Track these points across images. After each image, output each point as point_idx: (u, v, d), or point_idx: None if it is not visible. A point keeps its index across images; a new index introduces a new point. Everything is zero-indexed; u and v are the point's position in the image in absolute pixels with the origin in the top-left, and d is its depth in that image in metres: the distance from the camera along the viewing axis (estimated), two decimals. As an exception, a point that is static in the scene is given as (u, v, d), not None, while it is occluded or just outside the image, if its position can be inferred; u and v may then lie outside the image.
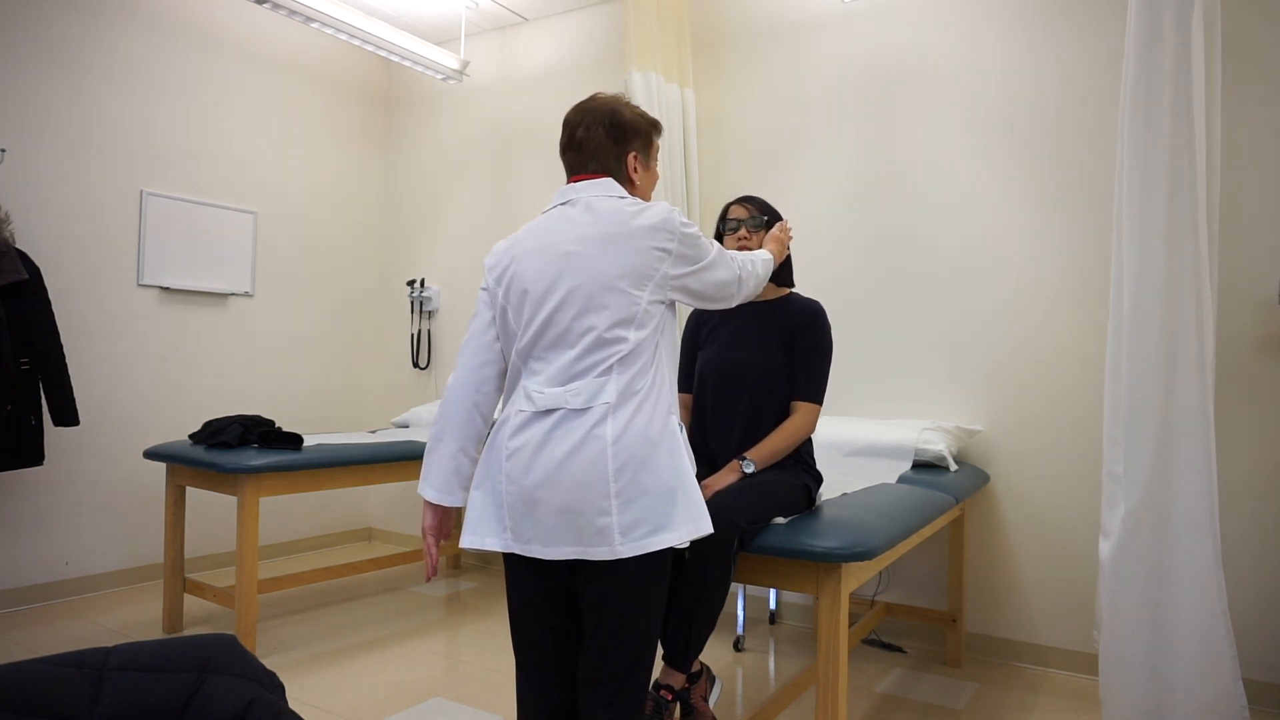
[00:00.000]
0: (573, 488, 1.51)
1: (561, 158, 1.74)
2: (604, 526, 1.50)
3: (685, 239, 1.61)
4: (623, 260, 1.56)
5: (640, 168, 1.72)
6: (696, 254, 1.63)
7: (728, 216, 2.19)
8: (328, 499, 4.80)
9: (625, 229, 1.57)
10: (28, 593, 3.53)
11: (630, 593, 1.54)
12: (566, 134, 1.71)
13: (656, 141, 1.77)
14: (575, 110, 1.71)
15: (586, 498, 1.50)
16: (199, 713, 1.15)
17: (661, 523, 1.51)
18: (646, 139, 1.73)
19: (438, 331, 4.82)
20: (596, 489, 1.50)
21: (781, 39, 3.71)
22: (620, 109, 1.69)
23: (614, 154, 1.68)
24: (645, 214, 1.59)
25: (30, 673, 1.10)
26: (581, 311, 1.55)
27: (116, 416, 3.83)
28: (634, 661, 1.56)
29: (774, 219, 2.18)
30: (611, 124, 1.67)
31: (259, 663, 1.29)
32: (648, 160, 1.74)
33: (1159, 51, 2.07)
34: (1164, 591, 2.08)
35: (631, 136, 1.69)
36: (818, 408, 2.08)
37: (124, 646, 1.20)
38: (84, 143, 3.71)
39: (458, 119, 4.82)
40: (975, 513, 3.21)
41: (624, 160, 1.69)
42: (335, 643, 3.22)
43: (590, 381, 1.54)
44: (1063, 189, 3.07)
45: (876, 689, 2.85)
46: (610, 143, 1.67)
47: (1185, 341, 2.06)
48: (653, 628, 1.59)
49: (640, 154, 1.72)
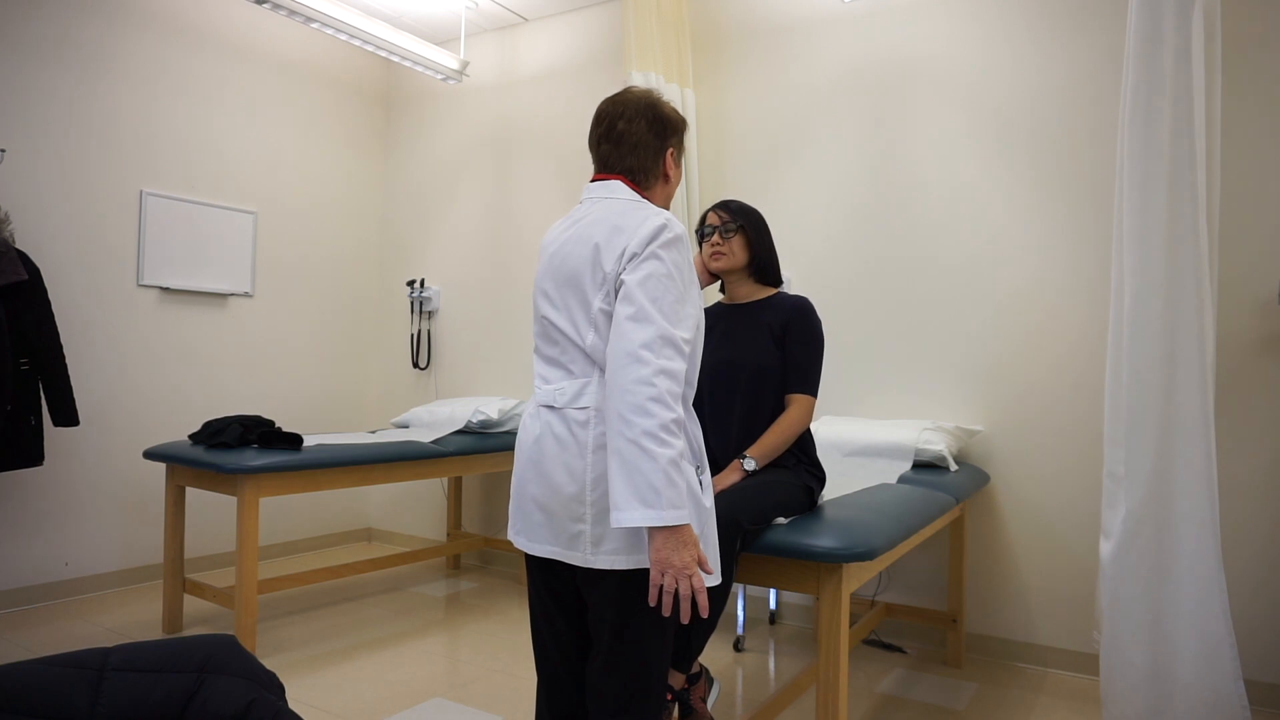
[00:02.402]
0: (553, 489, 1.51)
1: (594, 151, 1.66)
2: (578, 533, 1.48)
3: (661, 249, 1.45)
4: (591, 260, 1.50)
5: (674, 164, 1.67)
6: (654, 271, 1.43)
7: (704, 223, 2.20)
8: (328, 499, 4.80)
9: (604, 228, 1.51)
10: (28, 593, 3.53)
11: (621, 605, 1.50)
12: (604, 126, 1.62)
13: (685, 141, 1.72)
14: (612, 102, 1.64)
15: (563, 501, 1.49)
16: (199, 713, 1.15)
17: (635, 543, 1.45)
18: (681, 136, 1.68)
19: (438, 332, 4.82)
20: (572, 495, 1.48)
21: (781, 39, 3.71)
22: (659, 103, 1.64)
23: (655, 148, 1.62)
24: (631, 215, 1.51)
25: (30, 673, 1.10)
26: (558, 309, 1.55)
27: (116, 416, 3.83)
28: (640, 674, 1.51)
29: (752, 223, 2.16)
30: (654, 117, 1.62)
31: (259, 663, 1.29)
32: (679, 157, 1.69)
33: (1159, 51, 2.07)
34: (1165, 592, 2.08)
35: (671, 132, 1.64)
36: (813, 400, 2.09)
37: (124, 647, 1.20)
38: (84, 143, 3.71)
39: (458, 119, 4.82)
40: (975, 513, 3.21)
41: (663, 155, 1.63)
42: (335, 643, 3.22)
43: (574, 383, 1.53)
44: (1063, 189, 3.07)
45: (876, 689, 2.85)
46: (652, 136, 1.61)
47: (1185, 341, 2.06)
48: (655, 642, 1.51)
49: (676, 150, 1.67)
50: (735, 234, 2.14)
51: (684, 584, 1.35)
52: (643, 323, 1.38)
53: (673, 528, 1.35)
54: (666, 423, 1.34)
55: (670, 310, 1.42)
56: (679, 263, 1.47)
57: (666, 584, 1.35)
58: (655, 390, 1.34)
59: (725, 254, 2.14)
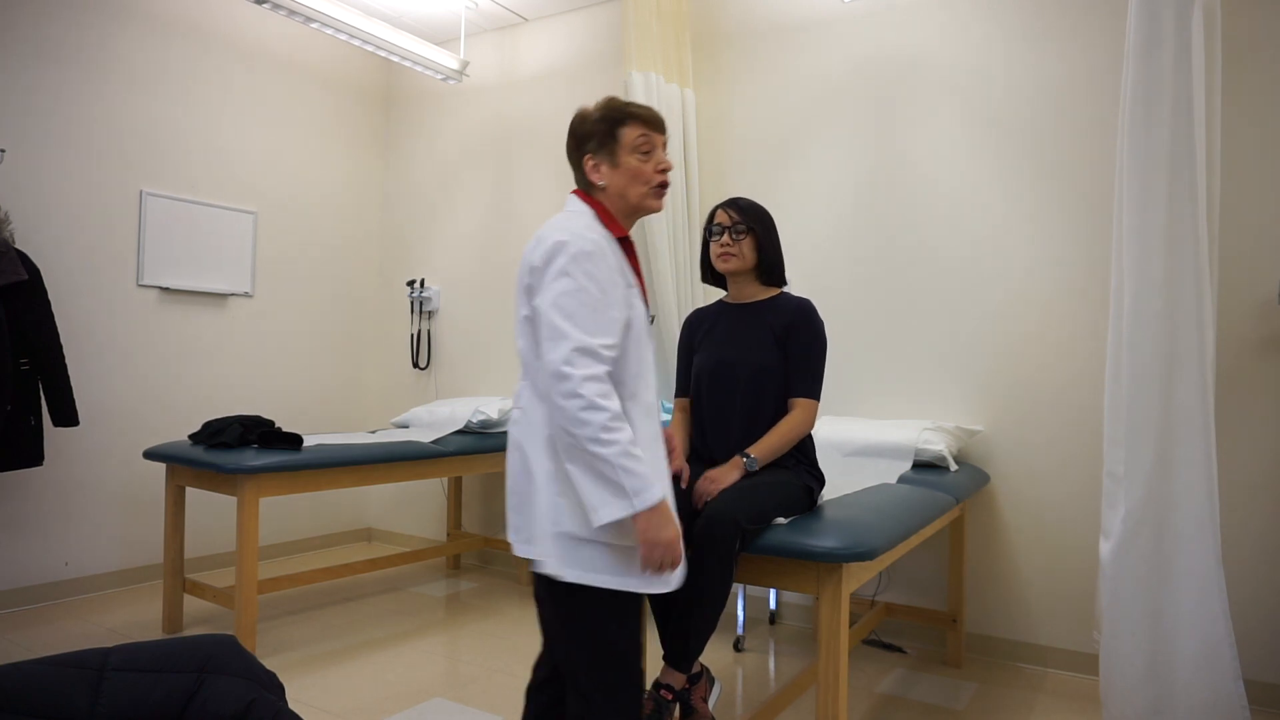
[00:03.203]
0: (508, 492, 1.67)
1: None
2: (518, 526, 1.64)
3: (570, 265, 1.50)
4: (521, 271, 1.62)
5: (605, 166, 1.64)
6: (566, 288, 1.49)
7: (713, 221, 2.19)
8: (328, 499, 4.80)
9: (533, 240, 1.61)
10: (28, 593, 3.53)
11: (558, 616, 1.59)
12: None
13: (624, 131, 1.63)
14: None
15: (510, 502, 1.66)
16: (199, 713, 1.15)
17: (548, 554, 1.55)
18: (603, 135, 1.63)
19: (437, 332, 4.82)
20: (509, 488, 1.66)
21: (782, 39, 3.71)
22: (579, 115, 1.68)
23: (576, 159, 1.69)
24: (542, 242, 1.56)
25: (30, 673, 1.10)
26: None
27: (116, 416, 3.83)
28: (593, 686, 1.54)
29: (762, 224, 2.15)
30: (570, 133, 1.69)
31: (259, 663, 1.29)
32: (614, 156, 1.63)
33: (1159, 52, 2.07)
34: (1164, 591, 2.08)
35: (584, 140, 1.66)
36: (816, 404, 2.09)
37: (124, 647, 1.20)
38: (84, 143, 3.71)
39: (458, 119, 4.82)
40: (975, 513, 3.21)
41: (583, 162, 1.67)
42: (335, 643, 3.22)
43: (526, 391, 1.63)
44: (1063, 189, 3.07)
45: (876, 689, 2.85)
46: (573, 149, 1.69)
47: (1185, 341, 2.06)
48: (599, 663, 1.55)
49: (597, 154, 1.64)
50: (745, 235, 2.13)
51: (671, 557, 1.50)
52: (558, 341, 1.47)
53: (650, 508, 1.46)
54: (604, 423, 1.44)
55: (586, 321, 1.49)
56: (591, 273, 1.52)
57: (655, 559, 1.49)
58: (584, 400, 1.44)
59: (735, 255, 2.12)
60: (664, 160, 1.67)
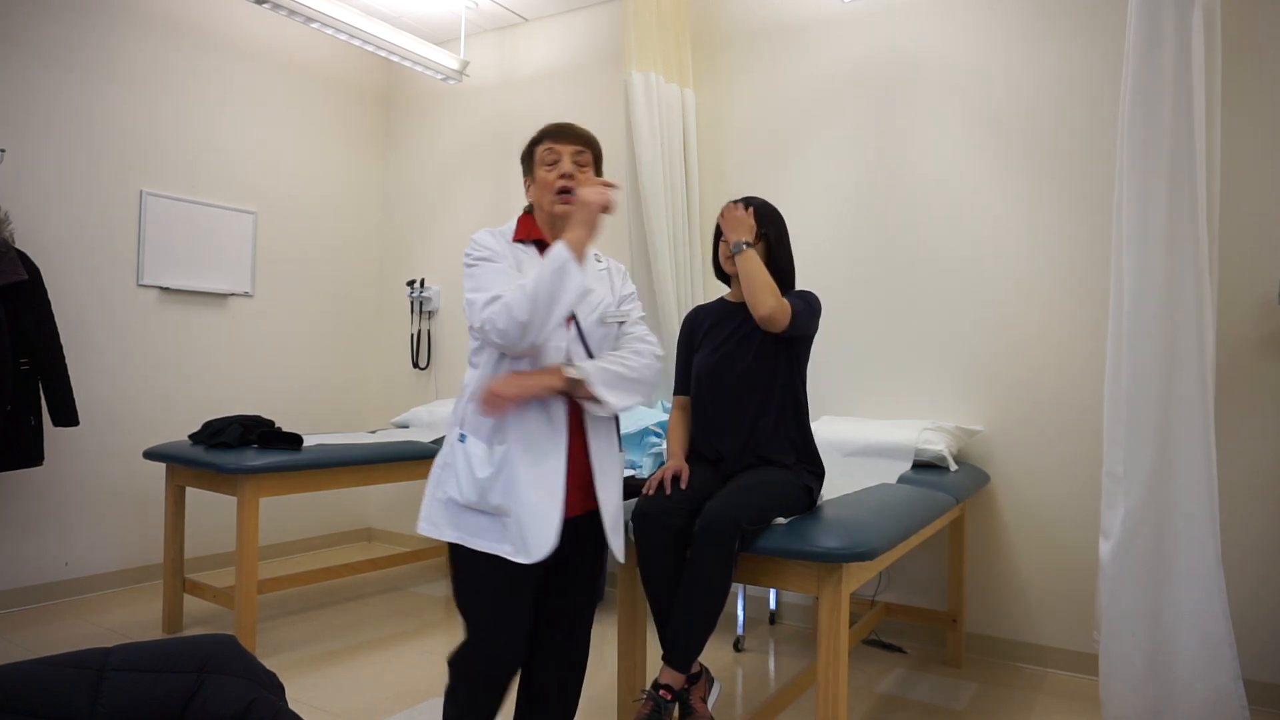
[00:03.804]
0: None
1: None
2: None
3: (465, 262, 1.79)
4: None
5: (530, 184, 1.88)
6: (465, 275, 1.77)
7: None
8: (327, 499, 4.80)
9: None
10: (28, 593, 3.53)
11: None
12: None
13: (538, 150, 1.86)
14: None
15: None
16: (199, 713, 1.15)
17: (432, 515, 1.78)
18: (526, 158, 1.89)
19: (437, 332, 4.82)
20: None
21: (781, 39, 3.71)
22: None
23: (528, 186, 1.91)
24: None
25: (30, 673, 1.10)
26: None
27: (116, 416, 3.83)
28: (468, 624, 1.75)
29: (775, 230, 2.13)
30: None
31: (259, 663, 1.29)
32: (533, 173, 1.86)
33: (1159, 52, 2.07)
34: (1164, 591, 2.08)
35: (523, 166, 1.91)
36: (790, 309, 2.01)
37: (124, 646, 1.20)
38: (84, 143, 3.71)
39: (458, 119, 4.82)
40: (975, 513, 3.21)
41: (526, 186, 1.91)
42: (335, 643, 3.22)
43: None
44: (1063, 189, 3.07)
45: (876, 689, 2.85)
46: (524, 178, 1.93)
47: (1185, 341, 2.06)
48: (468, 617, 1.73)
49: (526, 175, 1.89)
50: (757, 243, 2.09)
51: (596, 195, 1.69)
52: (468, 308, 1.71)
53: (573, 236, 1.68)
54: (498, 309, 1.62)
55: (473, 291, 1.72)
56: (471, 258, 1.77)
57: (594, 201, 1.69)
58: (491, 322, 1.63)
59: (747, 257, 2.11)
60: (564, 167, 1.81)
